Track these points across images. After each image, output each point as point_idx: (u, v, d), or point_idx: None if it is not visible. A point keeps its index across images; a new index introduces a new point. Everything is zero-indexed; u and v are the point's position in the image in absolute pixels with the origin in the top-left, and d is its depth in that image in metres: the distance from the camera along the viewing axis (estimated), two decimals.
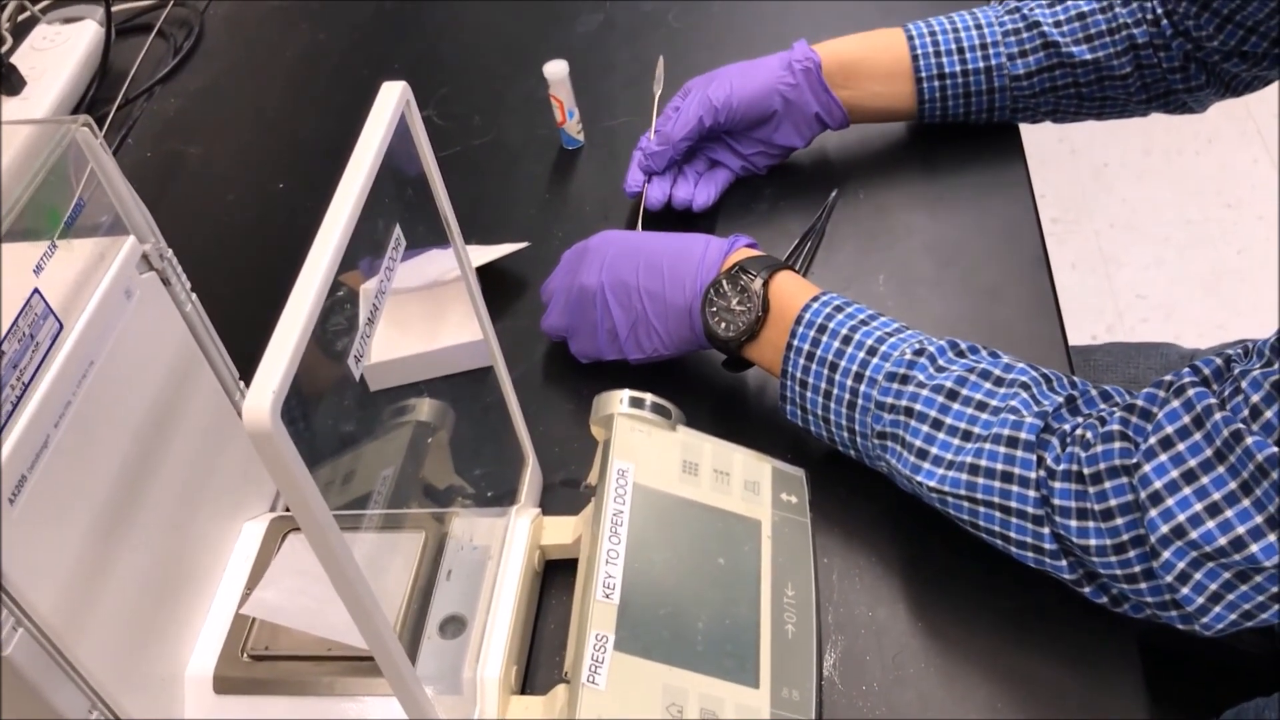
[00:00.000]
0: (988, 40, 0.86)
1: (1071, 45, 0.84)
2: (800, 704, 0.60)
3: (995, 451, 0.60)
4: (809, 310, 0.69)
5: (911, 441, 0.63)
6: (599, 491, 0.64)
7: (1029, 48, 0.85)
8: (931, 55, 0.87)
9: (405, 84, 0.54)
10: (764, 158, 0.91)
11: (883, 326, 0.67)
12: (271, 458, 0.41)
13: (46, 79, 1.11)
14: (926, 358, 0.64)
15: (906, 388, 0.64)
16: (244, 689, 0.64)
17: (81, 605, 0.56)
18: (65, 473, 0.55)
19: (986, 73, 0.86)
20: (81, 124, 0.57)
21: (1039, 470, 0.59)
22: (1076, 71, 0.85)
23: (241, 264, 0.97)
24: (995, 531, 0.62)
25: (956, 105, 0.88)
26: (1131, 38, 0.83)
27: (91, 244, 0.60)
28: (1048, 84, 0.86)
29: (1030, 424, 0.60)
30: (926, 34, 0.87)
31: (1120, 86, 0.85)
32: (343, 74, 1.17)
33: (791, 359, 0.69)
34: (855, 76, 0.88)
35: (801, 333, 0.68)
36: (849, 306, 0.69)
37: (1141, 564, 0.56)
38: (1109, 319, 1.94)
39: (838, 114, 0.88)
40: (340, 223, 0.47)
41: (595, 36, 1.12)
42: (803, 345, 0.68)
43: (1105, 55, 0.84)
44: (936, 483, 0.62)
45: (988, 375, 0.63)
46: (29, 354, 0.53)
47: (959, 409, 0.62)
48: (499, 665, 0.62)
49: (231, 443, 0.70)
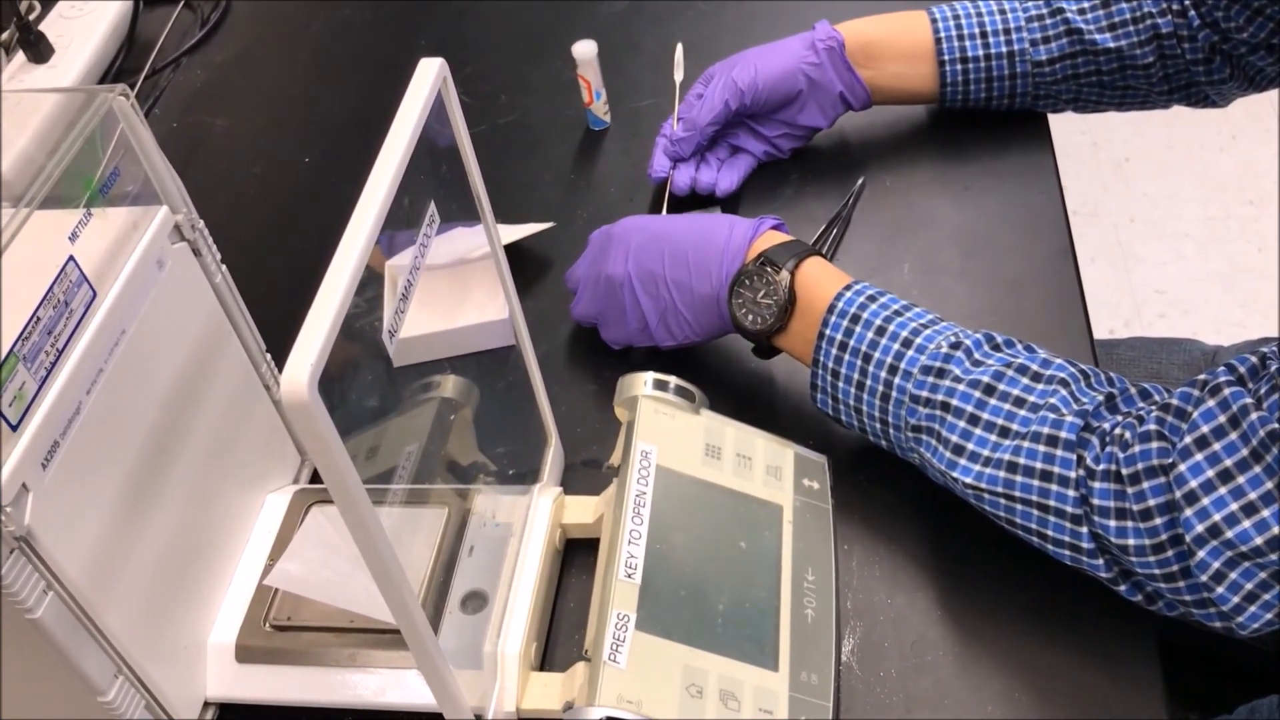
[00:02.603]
0: (1011, 25, 0.86)
1: (1095, 33, 0.84)
2: (819, 688, 0.60)
3: (1034, 450, 0.60)
4: (841, 299, 0.68)
5: (947, 436, 0.63)
6: (622, 472, 0.65)
7: (1052, 34, 0.85)
8: (955, 38, 0.86)
9: (442, 60, 0.54)
10: (788, 140, 0.90)
11: (917, 318, 0.67)
12: (308, 430, 0.41)
13: (74, 48, 1.11)
14: (963, 351, 0.64)
15: (943, 382, 0.63)
16: (266, 658, 0.65)
17: (109, 571, 0.56)
18: (96, 440, 0.55)
19: (1009, 58, 0.86)
20: (119, 94, 0.57)
21: (1078, 469, 0.59)
22: (1099, 59, 0.85)
23: (266, 236, 0.97)
24: (1032, 529, 0.61)
25: (978, 90, 0.88)
26: (1155, 27, 0.83)
27: (125, 213, 0.60)
28: (1070, 71, 0.86)
29: (1070, 423, 0.59)
30: (950, 17, 0.87)
31: (1142, 76, 0.85)
32: (368, 49, 1.17)
33: (823, 348, 0.68)
34: (877, 57, 0.87)
35: (834, 322, 0.67)
36: (882, 296, 0.68)
37: (1180, 563, 0.56)
38: (1127, 314, 1.94)
39: (861, 93, 0.88)
40: (379, 197, 0.47)
41: (622, 17, 1.12)
42: (835, 335, 0.67)
43: (1129, 44, 0.83)
44: (973, 479, 0.62)
45: (1025, 370, 0.63)
46: (63, 321, 0.54)
47: (996, 404, 0.62)
48: (519, 641, 0.62)
49: (257, 414, 0.71)
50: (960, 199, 0.88)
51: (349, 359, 0.65)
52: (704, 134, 0.87)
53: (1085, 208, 2.11)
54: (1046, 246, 0.83)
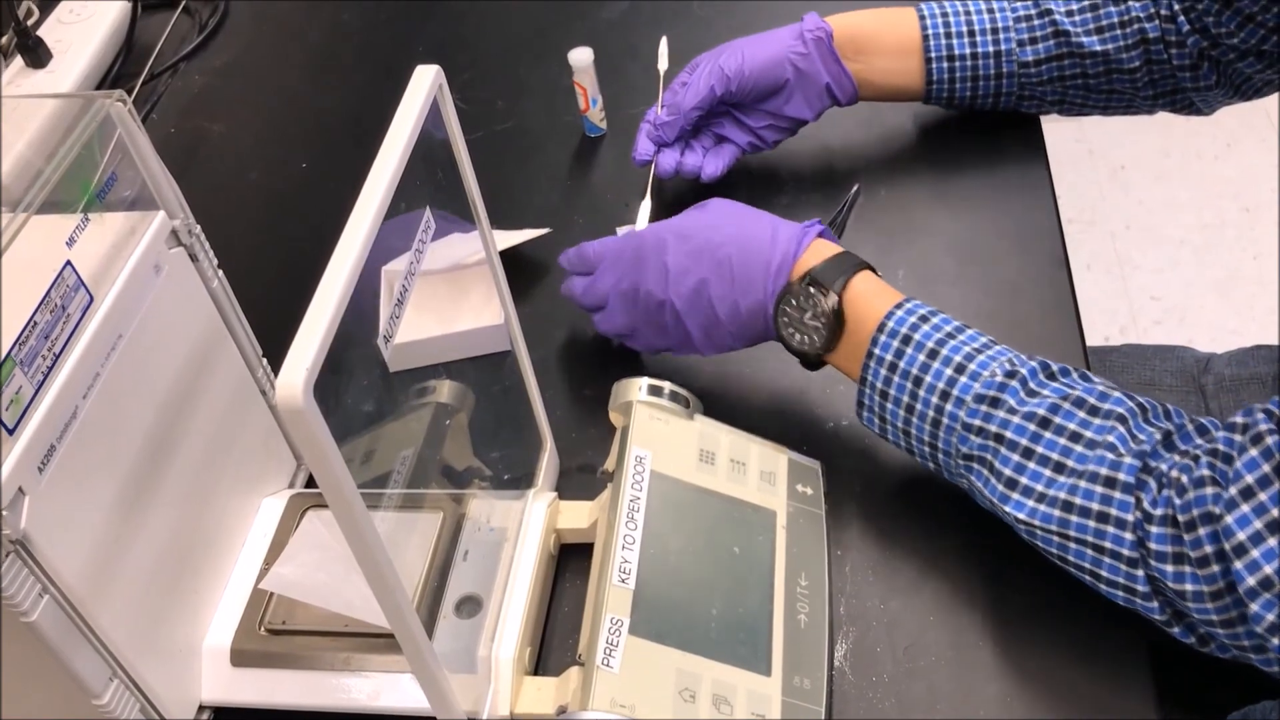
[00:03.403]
0: (999, 25, 0.86)
1: (1082, 35, 0.84)
2: (811, 692, 0.60)
3: (1091, 491, 0.58)
4: (892, 318, 0.66)
5: (1000, 469, 0.61)
6: (616, 477, 0.65)
7: (1039, 35, 0.85)
8: (942, 36, 0.86)
9: (438, 68, 0.54)
10: (773, 131, 0.89)
11: (970, 341, 0.65)
12: (303, 434, 0.42)
13: (72, 52, 1.12)
14: (1018, 380, 0.62)
15: (997, 412, 0.62)
16: (260, 662, 0.65)
17: (105, 574, 0.57)
18: (92, 444, 0.56)
19: (996, 57, 0.86)
20: (116, 99, 0.58)
21: (1136, 512, 0.57)
22: (1085, 62, 0.85)
23: (263, 241, 0.97)
24: (1085, 568, 0.60)
25: (964, 88, 0.88)
26: (1143, 31, 0.83)
27: (122, 218, 0.60)
28: (1056, 73, 0.86)
29: (1129, 465, 0.58)
30: (939, 14, 0.87)
31: (1128, 80, 0.85)
32: (365, 55, 1.17)
33: (872, 368, 0.66)
34: (865, 51, 0.87)
35: (884, 341, 0.66)
36: (934, 316, 0.66)
37: (1238, 609, 0.55)
38: (1123, 320, 1.94)
39: (848, 87, 0.87)
40: (374, 204, 0.47)
41: (619, 23, 1.12)
42: (884, 355, 0.65)
43: (1115, 48, 0.83)
44: (1026, 515, 0.60)
45: (1081, 404, 0.61)
46: (60, 325, 0.54)
47: (1051, 438, 0.60)
48: (513, 645, 0.63)
49: (253, 418, 0.71)
50: (955, 207, 0.89)
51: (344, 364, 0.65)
52: (688, 118, 0.86)
53: (1082, 215, 2.12)
54: (1041, 255, 0.84)
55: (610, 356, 0.82)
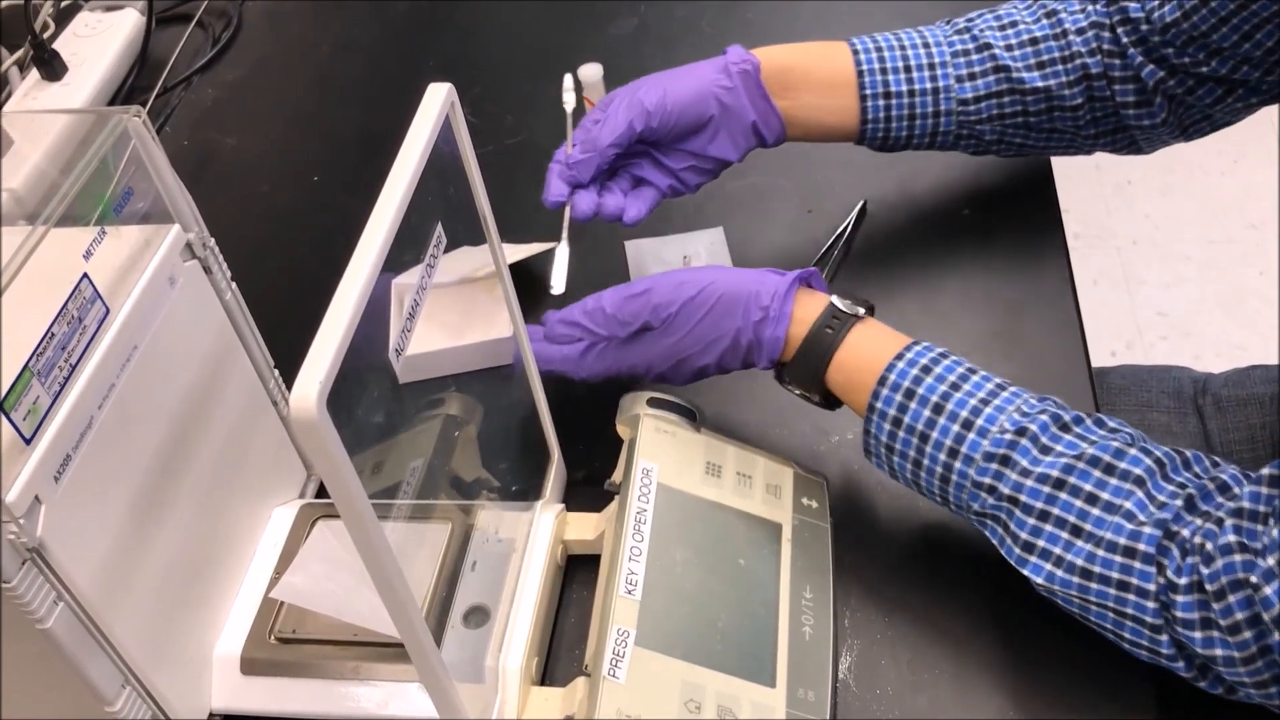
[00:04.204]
0: (936, 60, 0.81)
1: (1023, 71, 0.80)
2: (815, 705, 0.61)
3: (1111, 560, 0.57)
4: (894, 370, 0.64)
5: (1016, 532, 0.60)
6: (623, 489, 0.66)
7: (979, 70, 0.81)
8: (878, 72, 0.81)
9: (450, 86, 0.55)
10: (695, 173, 0.82)
11: (976, 389, 0.62)
12: (316, 446, 0.42)
13: (87, 66, 1.13)
14: (1028, 438, 0.60)
15: (1009, 472, 0.60)
16: (270, 670, 0.65)
17: (118, 583, 0.57)
18: (107, 454, 0.56)
19: (934, 94, 0.81)
20: (133, 114, 0.59)
21: (1159, 579, 0.56)
22: (1027, 99, 0.81)
23: (275, 254, 0.98)
24: (1107, 629, 0.59)
25: (900, 127, 0.82)
26: (1085, 67, 0.79)
27: (138, 231, 0.61)
28: (995, 110, 0.82)
29: (1149, 534, 0.56)
30: (873, 49, 0.82)
31: (1070, 118, 0.81)
32: (377, 69, 1.18)
33: (875, 422, 0.65)
34: (794, 86, 0.81)
35: (886, 395, 0.64)
36: (938, 365, 0.64)
37: (1271, 671, 0.54)
38: (1129, 336, 1.94)
39: (775, 124, 0.81)
40: (387, 219, 0.48)
41: (628, 40, 1.13)
42: (887, 409, 0.64)
43: (1057, 84, 0.80)
44: (1044, 579, 0.59)
45: (1096, 462, 0.59)
46: (76, 337, 0.55)
47: (1067, 499, 0.59)
48: (520, 656, 0.63)
49: (264, 429, 0.72)
50: (960, 220, 0.89)
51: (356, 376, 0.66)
52: (605, 156, 0.78)
53: (1088, 230, 2.12)
54: (1047, 269, 0.84)
55: None
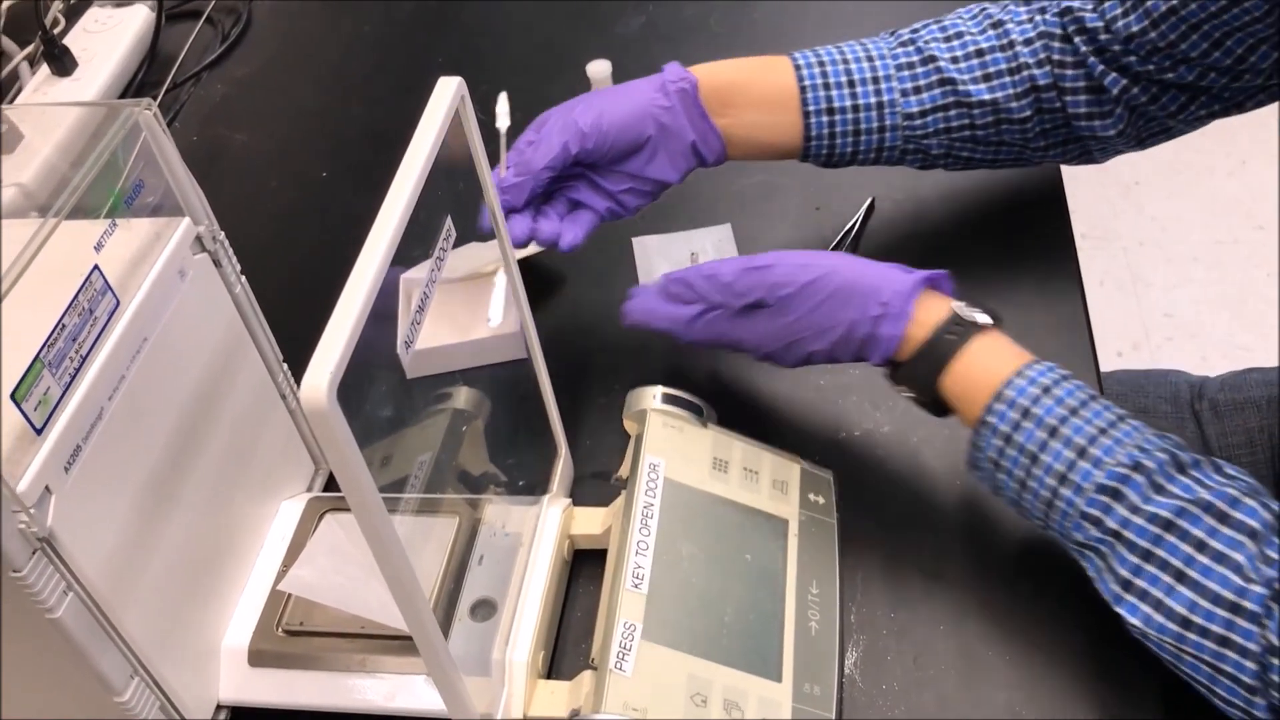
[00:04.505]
0: (880, 74, 0.79)
1: (969, 84, 0.78)
2: (821, 699, 0.61)
3: (1213, 613, 0.55)
4: (1011, 387, 0.62)
5: (1117, 569, 0.58)
6: (630, 484, 0.66)
7: (924, 84, 0.79)
8: (820, 87, 0.79)
9: (460, 80, 0.55)
10: (634, 196, 0.79)
11: (1095, 418, 0.60)
12: (326, 435, 0.42)
13: (97, 61, 1.13)
14: (1143, 475, 0.58)
15: (1117, 506, 0.58)
16: (278, 663, 0.66)
17: (127, 574, 0.58)
18: (116, 445, 0.57)
19: (878, 109, 0.79)
20: (144, 107, 0.59)
21: (1261, 641, 0.54)
22: (974, 112, 0.79)
23: (283, 249, 0.99)
24: (1200, 682, 0.57)
25: (845, 143, 0.80)
26: (1033, 79, 0.77)
27: (148, 224, 0.61)
28: (942, 124, 0.79)
29: (1256, 593, 0.54)
30: (815, 64, 0.79)
31: (1018, 130, 0.79)
32: (385, 67, 1.18)
33: (985, 436, 0.63)
34: (734, 104, 0.79)
35: (1001, 410, 0.62)
36: (1058, 387, 0.62)
37: None
38: (1135, 337, 1.94)
39: (715, 144, 0.78)
40: (397, 211, 0.48)
41: (635, 38, 1.14)
42: (999, 425, 0.62)
43: (1004, 96, 0.78)
44: (1140, 621, 0.57)
45: (1210, 508, 0.57)
46: (87, 328, 0.55)
47: (1173, 542, 0.57)
48: (527, 649, 0.63)
49: (273, 422, 0.72)
50: (967, 220, 0.89)
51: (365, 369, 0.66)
52: (539, 179, 0.75)
53: (1094, 231, 2.12)
54: (1053, 270, 0.84)
55: (626, 366, 0.83)
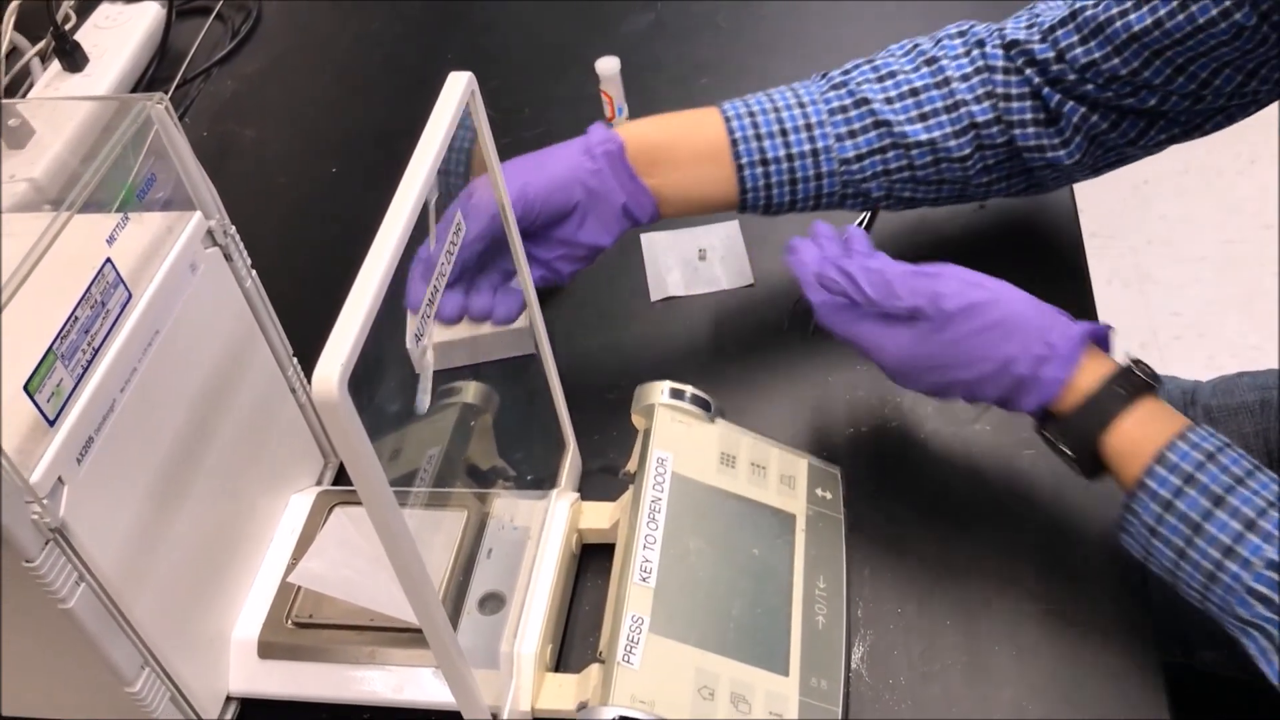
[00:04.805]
0: (812, 120, 0.77)
1: (905, 124, 0.76)
2: (828, 693, 0.61)
3: None
4: (1174, 451, 0.59)
5: None
6: (638, 478, 0.66)
7: (858, 127, 0.77)
8: (753, 139, 0.77)
9: (471, 74, 0.56)
10: (567, 261, 0.77)
11: (1263, 489, 0.57)
12: (337, 427, 0.43)
13: (108, 57, 1.14)
14: None
15: None
16: (287, 654, 0.66)
17: (138, 565, 0.58)
18: (128, 437, 0.57)
19: (813, 156, 0.77)
20: (156, 102, 0.59)
21: None
22: (911, 153, 0.77)
23: (293, 244, 0.99)
24: None
25: (781, 193, 0.78)
26: (971, 116, 0.76)
27: (160, 217, 0.62)
28: (880, 166, 0.78)
29: None
30: (745, 114, 0.77)
31: (958, 168, 0.78)
32: (394, 64, 1.19)
33: (1144, 501, 0.60)
34: (663, 162, 0.77)
35: (1162, 475, 0.59)
36: (1222, 455, 0.58)
37: None
38: (1143, 336, 1.94)
39: (647, 204, 0.76)
40: (408, 205, 0.48)
41: (644, 35, 1.14)
42: (1160, 491, 0.59)
43: (942, 135, 0.76)
44: None
45: None
46: (100, 320, 0.56)
47: None
48: (535, 642, 0.64)
49: (283, 416, 0.73)
50: (975, 219, 0.89)
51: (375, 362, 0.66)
52: (469, 253, 0.73)
53: (1103, 230, 2.12)
54: (1062, 268, 0.84)
55: (633, 361, 0.83)
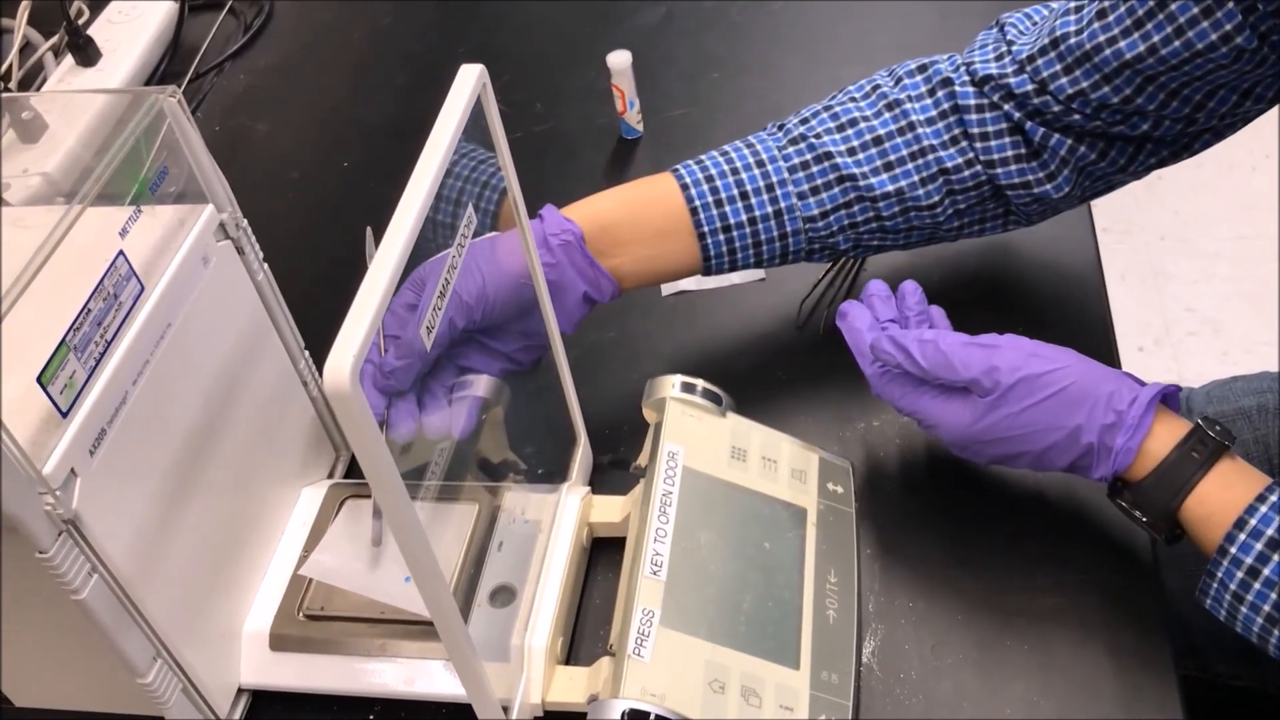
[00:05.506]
0: (774, 180, 0.75)
1: (870, 176, 0.74)
2: (839, 687, 0.61)
3: None
4: (1255, 515, 0.58)
5: None
6: (649, 472, 0.66)
7: (821, 183, 0.74)
8: (712, 206, 0.74)
9: (482, 67, 0.55)
10: (528, 351, 0.74)
11: None
12: (349, 418, 0.43)
13: (121, 51, 1.14)
14: None
15: None
16: (298, 647, 0.66)
17: (151, 557, 0.58)
18: (140, 429, 0.57)
19: (776, 217, 0.75)
20: (169, 94, 0.59)
21: None
22: (878, 205, 0.74)
23: (305, 238, 0.99)
24: None
25: (746, 256, 0.76)
26: (940, 162, 0.73)
27: (172, 210, 0.62)
28: (845, 221, 0.75)
29: None
30: (703, 180, 0.75)
31: (927, 215, 0.75)
32: (406, 58, 1.19)
33: (1226, 568, 0.59)
34: (623, 242, 0.74)
35: (1244, 542, 0.58)
36: None
37: None
38: (1156, 332, 1.93)
39: (607, 287, 0.74)
40: (419, 198, 0.48)
41: (656, 29, 1.14)
42: (1243, 557, 0.58)
43: (909, 184, 0.74)
44: None
45: None
46: (112, 313, 0.56)
47: None
48: (546, 635, 0.64)
49: (294, 409, 0.73)
50: None
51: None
52: (425, 360, 0.70)
53: (1117, 225, 2.11)
54: (1075, 263, 0.84)
55: (643, 355, 0.83)
